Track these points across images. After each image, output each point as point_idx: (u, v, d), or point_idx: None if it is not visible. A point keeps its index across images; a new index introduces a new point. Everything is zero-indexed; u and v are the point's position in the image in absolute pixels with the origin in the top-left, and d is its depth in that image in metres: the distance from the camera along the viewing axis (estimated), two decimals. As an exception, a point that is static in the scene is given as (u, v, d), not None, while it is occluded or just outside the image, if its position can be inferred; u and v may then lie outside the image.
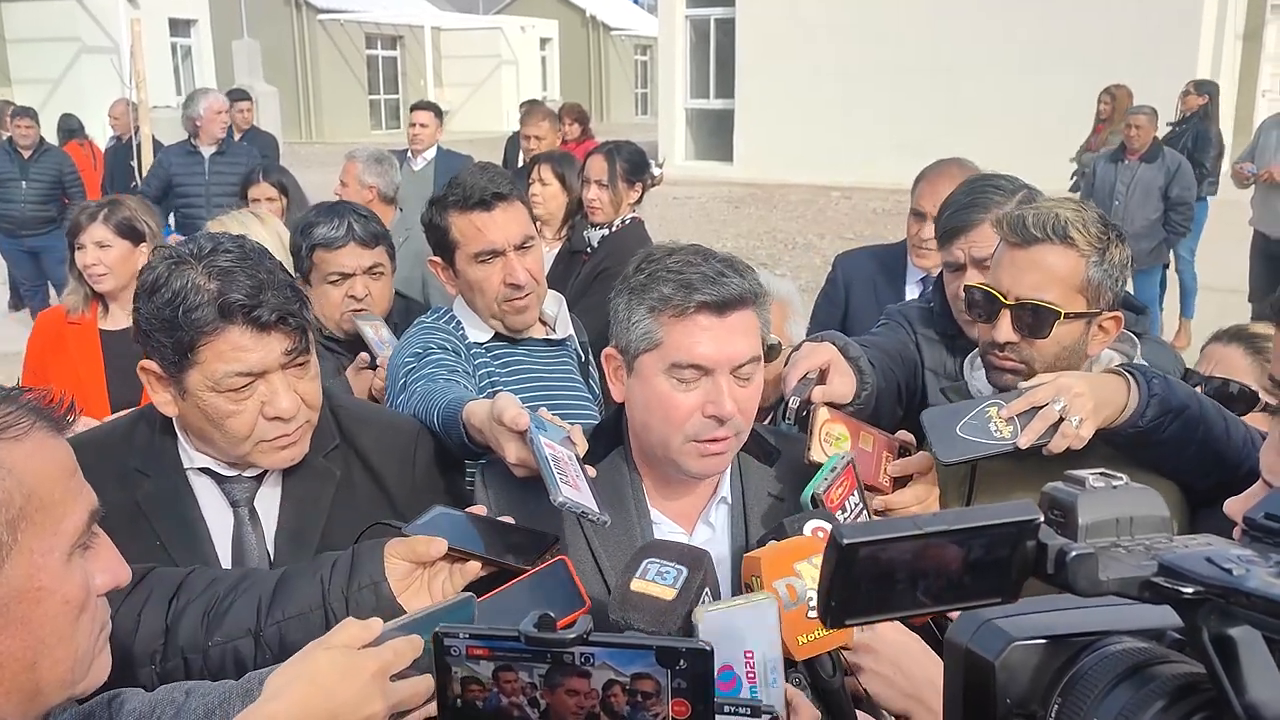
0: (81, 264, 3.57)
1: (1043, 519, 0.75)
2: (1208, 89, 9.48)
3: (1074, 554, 0.72)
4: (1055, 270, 1.88)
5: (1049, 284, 1.88)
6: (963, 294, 2.12)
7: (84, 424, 1.70)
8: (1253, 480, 1.50)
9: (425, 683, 1.23)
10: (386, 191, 5.08)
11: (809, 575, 1.41)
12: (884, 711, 1.49)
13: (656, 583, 1.38)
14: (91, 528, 1.10)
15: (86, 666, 1.11)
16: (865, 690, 1.48)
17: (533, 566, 1.57)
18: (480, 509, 1.70)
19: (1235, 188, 7.23)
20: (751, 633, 1.38)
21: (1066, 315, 1.88)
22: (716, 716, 1.07)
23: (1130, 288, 2.25)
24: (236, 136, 8.77)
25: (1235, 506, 1.58)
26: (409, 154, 7.37)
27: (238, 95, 9.55)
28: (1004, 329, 1.93)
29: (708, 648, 1.03)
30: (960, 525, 0.72)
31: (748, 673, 1.38)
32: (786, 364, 1.96)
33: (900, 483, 1.90)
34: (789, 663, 1.42)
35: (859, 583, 0.71)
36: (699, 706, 1.04)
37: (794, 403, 1.84)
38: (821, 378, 1.89)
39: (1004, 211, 2.04)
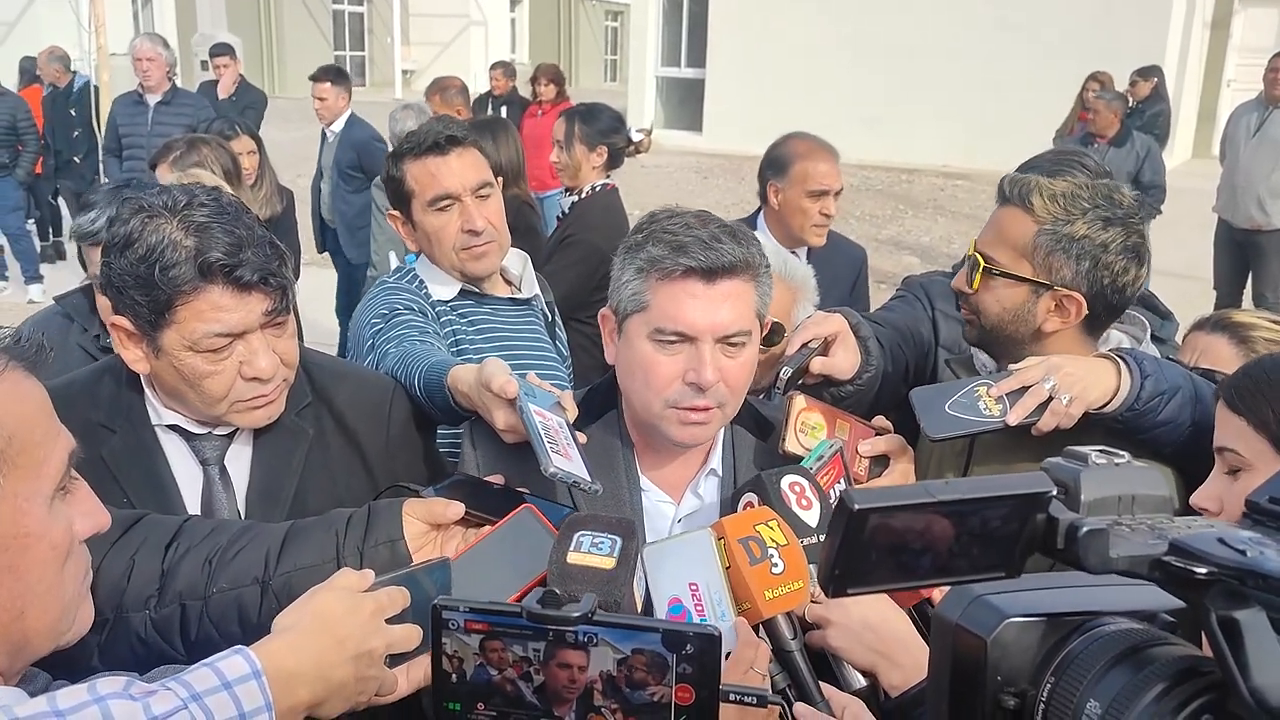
0: None
1: (1055, 492, 0.73)
2: (1153, 73, 9.94)
3: (1086, 529, 0.70)
4: (1008, 231, 1.91)
5: (1000, 243, 1.92)
6: None
7: None
8: None
9: (415, 630, 1.29)
10: None
11: (768, 536, 1.44)
12: (849, 667, 1.49)
13: (594, 553, 1.36)
14: (70, 470, 1.07)
15: (73, 615, 1.09)
16: (832, 646, 1.48)
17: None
18: (498, 478, 1.65)
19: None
20: (691, 565, 1.42)
21: (988, 269, 1.91)
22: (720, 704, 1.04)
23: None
24: (223, 94, 8.44)
25: (1198, 498, 1.59)
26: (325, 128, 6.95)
27: (219, 49, 8.92)
28: (960, 277, 1.99)
29: (716, 633, 1.01)
30: (974, 494, 0.70)
31: (696, 605, 1.41)
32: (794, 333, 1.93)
33: (876, 469, 1.88)
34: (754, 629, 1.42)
35: (867, 551, 0.69)
36: (703, 693, 1.01)
37: (785, 372, 1.80)
38: (825, 349, 1.86)
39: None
